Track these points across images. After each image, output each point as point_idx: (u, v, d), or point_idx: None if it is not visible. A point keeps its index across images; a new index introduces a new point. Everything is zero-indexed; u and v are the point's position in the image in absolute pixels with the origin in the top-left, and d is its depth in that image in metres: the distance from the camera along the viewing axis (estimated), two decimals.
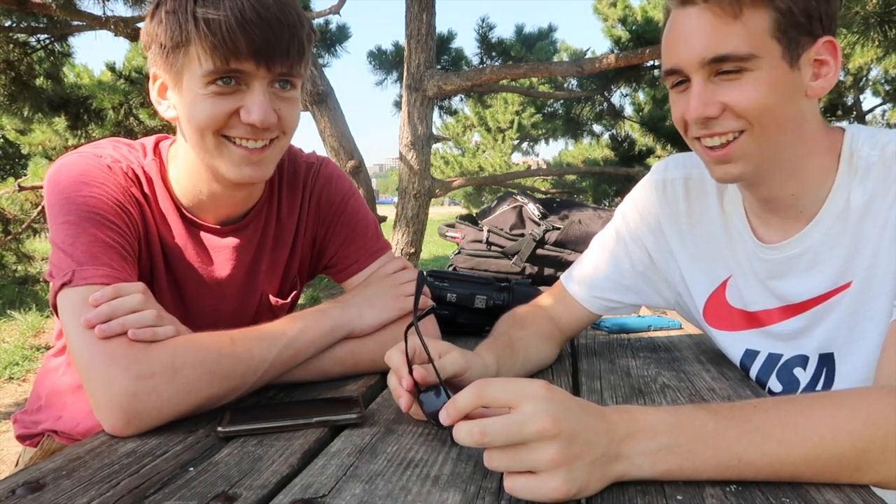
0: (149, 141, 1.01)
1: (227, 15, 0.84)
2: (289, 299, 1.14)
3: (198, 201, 0.99)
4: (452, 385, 0.78)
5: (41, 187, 4.13)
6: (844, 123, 0.97)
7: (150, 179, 0.97)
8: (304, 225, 1.11)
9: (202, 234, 1.01)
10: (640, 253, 1.11)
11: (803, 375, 0.97)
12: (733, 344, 1.05)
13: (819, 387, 0.95)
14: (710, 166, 0.91)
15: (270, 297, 1.10)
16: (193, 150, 0.93)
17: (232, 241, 1.03)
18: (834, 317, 0.92)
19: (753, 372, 1.02)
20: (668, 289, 1.12)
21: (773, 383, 1.00)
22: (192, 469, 0.66)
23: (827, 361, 0.95)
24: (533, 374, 1.02)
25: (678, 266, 1.09)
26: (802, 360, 0.97)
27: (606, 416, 0.62)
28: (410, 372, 0.75)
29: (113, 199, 0.89)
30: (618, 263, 1.11)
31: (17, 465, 1.19)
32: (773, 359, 1.00)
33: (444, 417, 0.62)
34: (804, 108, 0.86)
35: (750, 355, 1.03)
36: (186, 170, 0.97)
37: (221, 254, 1.03)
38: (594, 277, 1.12)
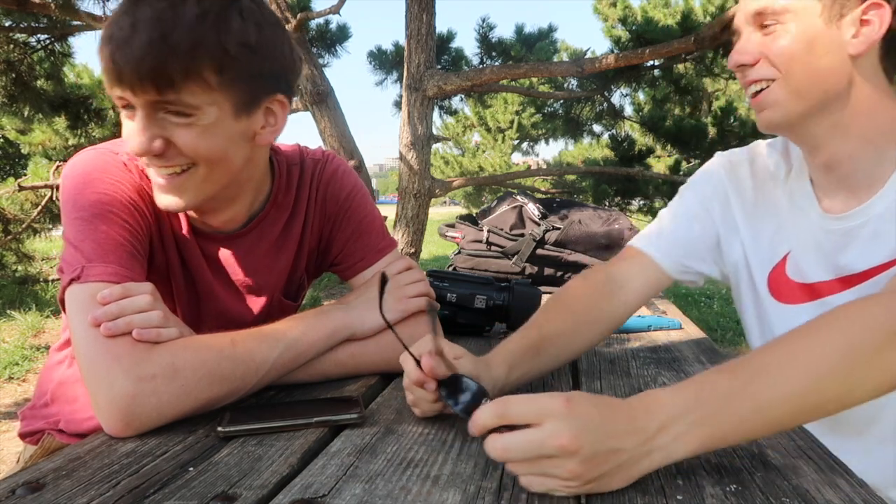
0: None
1: (113, 37, 0.80)
2: (299, 300, 1.14)
3: (201, 209, 0.99)
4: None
5: (41, 187, 4.14)
6: None
7: None
8: (311, 222, 1.10)
9: (210, 237, 1.01)
10: (710, 224, 1.12)
11: None
12: (796, 317, 1.02)
13: None
14: (756, 117, 0.97)
15: (281, 298, 1.11)
16: None
17: (239, 245, 1.03)
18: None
19: None
20: (726, 263, 1.13)
21: None
22: (191, 469, 0.66)
23: None
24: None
25: (741, 240, 1.10)
26: None
27: (634, 418, 0.61)
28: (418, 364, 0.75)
29: (127, 197, 0.89)
30: (690, 231, 1.13)
31: (17, 462, 1.20)
32: None
33: (472, 430, 0.62)
34: (848, 66, 0.90)
35: None
36: None
37: (230, 257, 1.03)
38: (672, 241, 1.12)
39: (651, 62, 4.30)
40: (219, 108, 0.85)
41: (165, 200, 0.90)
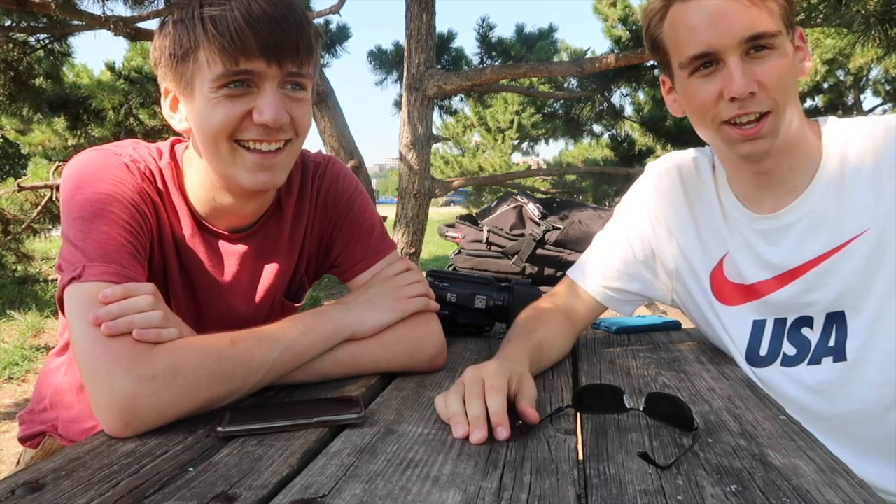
0: (165, 144, 1.01)
1: (234, 14, 0.84)
2: (301, 302, 1.14)
3: (210, 209, 1.00)
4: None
5: (41, 187, 4.14)
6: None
7: (165, 182, 0.97)
8: (312, 225, 1.11)
9: (213, 239, 1.02)
10: (641, 243, 1.16)
11: (811, 334, 1.04)
12: (742, 317, 1.08)
13: (831, 342, 1.02)
14: (736, 146, 0.96)
15: (282, 298, 1.11)
16: (207, 159, 0.94)
17: (242, 247, 1.03)
18: (841, 277, 0.99)
19: (765, 341, 1.06)
20: (668, 278, 1.17)
21: (787, 347, 1.05)
22: (191, 469, 0.66)
23: (836, 319, 1.02)
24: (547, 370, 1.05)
25: (680, 248, 1.13)
26: (808, 321, 1.04)
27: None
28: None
29: (128, 198, 0.89)
30: (622, 252, 1.16)
31: (17, 465, 1.19)
32: (779, 323, 1.06)
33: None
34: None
35: (758, 326, 1.07)
36: (199, 179, 0.98)
37: (232, 259, 1.03)
38: (601, 267, 1.17)
39: (651, 62, 4.30)
40: (310, 85, 0.94)
41: (262, 178, 0.92)
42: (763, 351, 1.07)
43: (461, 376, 0.82)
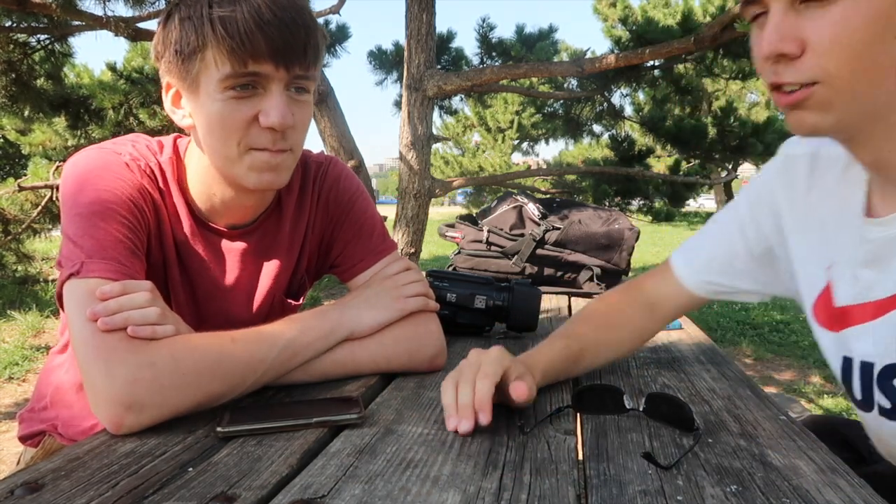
0: (168, 140, 1.01)
1: (244, 16, 0.84)
2: (300, 300, 1.14)
3: (210, 206, 1.00)
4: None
5: (41, 187, 4.14)
6: None
7: (165, 178, 0.97)
8: (313, 225, 1.11)
9: (213, 236, 1.02)
10: (757, 235, 0.96)
11: None
12: (831, 347, 0.87)
13: None
14: (785, 115, 0.73)
15: (282, 298, 1.11)
16: (211, 157, 0.94)
17: (242, 245, 1.03)
18: None
19: (856, 385, 0.82)
20: (788, 276, 0.95)
21: (880, 398, 0.79)
22: (191, 469, 0.66)
23: None
24: None
25: (789, 253, 0.93)
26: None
27: None
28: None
29: (127, 196, 0.89)
30: (731, 244, 0.99)
31: (17, 464, 1.19)
32: (866, 368, 0.81)
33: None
34: None
35: (847, 365, 0.84)
36: (200, 175, 0.98)
37: (232, 257, 1.03)
38: (705, 258, 1.01)
39: (651, 62, 4.30)
40: (313, 87, 0.95)
41: (267, 178, 0.93)
42: (857, 394, 0.83)
43: (464, 358, 0.84)
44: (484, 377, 0.77)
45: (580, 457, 0.71)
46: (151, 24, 3.75)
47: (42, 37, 4.22)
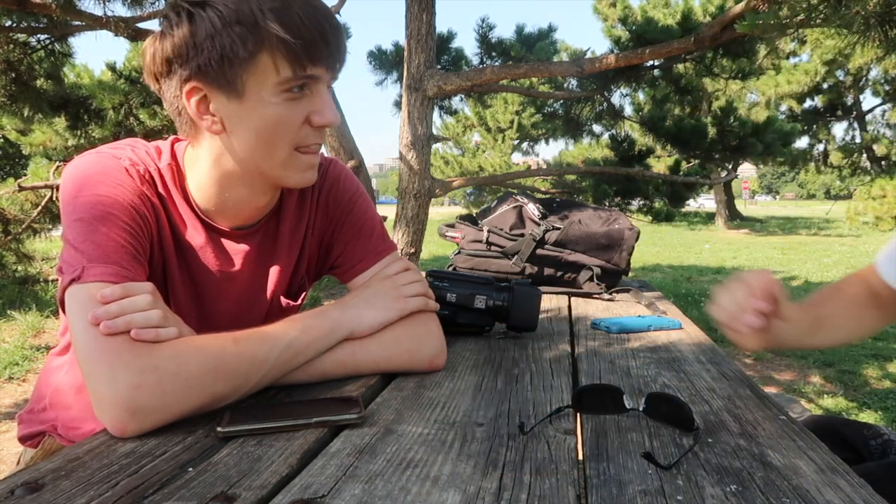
0: (165, 145, 1.01)
1: (302, 21, 0.86)
2: (299, 301, 1.14)
3: (216, 208, 1.00)
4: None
5: (41, 187, 4.14)
6: None
7: (165, 183, 0.97)
8: (313, 226, 1.11)
9: (218, 238, 1.02)
10: None
11: None
12: None
13: None
14: None
15: (281, 299, 1.11)
16: (252, 160, 0.93)
17: (244, 246, 1.04)
18: None
19: None
20: None
21: None
22: (191, 469, 0.66)
23: None
24: None
25: None
26: None
27: None
28: None
29: (127, 201, 0.89)
30: None
31: (17, 464, 1.19)
32: None
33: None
34: None
35: None
36: (208, 178, 0.97)
37: (235, 258, 1.03)
38: None
39: (651, 62, 4.30)
40: None
41: (309, 176, 0.98)
42: None
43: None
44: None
45: (580, 457, 0.71)
46: (151, 25, 3.74)
47: (42, 37, 4.22)
